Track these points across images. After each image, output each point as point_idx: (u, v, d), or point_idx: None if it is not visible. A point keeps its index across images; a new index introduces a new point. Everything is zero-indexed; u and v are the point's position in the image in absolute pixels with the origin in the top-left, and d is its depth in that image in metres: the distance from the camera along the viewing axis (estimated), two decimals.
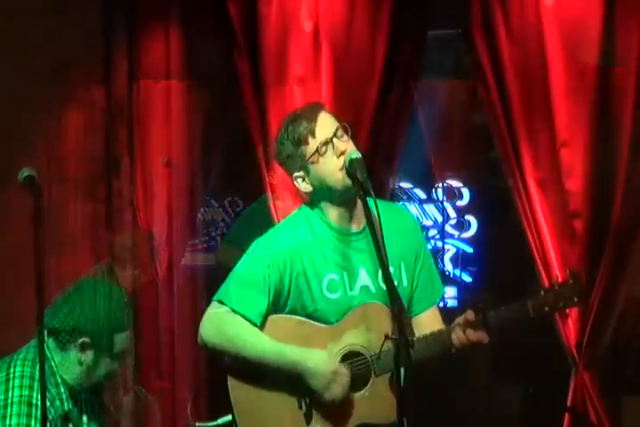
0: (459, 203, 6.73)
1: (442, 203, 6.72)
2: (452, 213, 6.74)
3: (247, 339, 3.32)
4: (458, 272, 6.71)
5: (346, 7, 4.94)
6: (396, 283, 3.31)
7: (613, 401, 4.95)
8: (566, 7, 4.74)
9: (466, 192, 6.72)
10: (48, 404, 3.20)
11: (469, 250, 6.72)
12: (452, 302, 6.66)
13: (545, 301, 3.41)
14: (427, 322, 3.50)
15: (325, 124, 3.37)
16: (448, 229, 6.72)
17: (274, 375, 3.33)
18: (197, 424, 3.61)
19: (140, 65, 5.16)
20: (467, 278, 6.72)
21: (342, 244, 3.41)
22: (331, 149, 3.34)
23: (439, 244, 6.73)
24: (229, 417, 3.43)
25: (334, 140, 3.35)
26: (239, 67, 5.03)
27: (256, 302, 3.34)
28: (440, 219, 6.72)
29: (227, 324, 3.34)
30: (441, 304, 6.45)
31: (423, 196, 6.74)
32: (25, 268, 3.36)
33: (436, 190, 6.73)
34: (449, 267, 6.71)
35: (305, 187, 3.41)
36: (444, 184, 6.74)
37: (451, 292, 6.66)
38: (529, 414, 5.78)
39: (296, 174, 3.41)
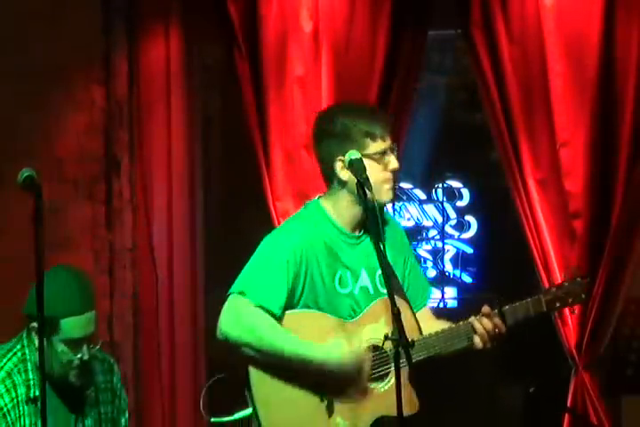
0: (459, 203, 6.73)
1: (442, 203, 6.72)
2: (452, 214, 6.74)
3: (268, 331, 3.31)
4: (458, 272, 6.71)
5: (346, 7, 4.94)
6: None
7: (613, 401, 4.96)
8: (566, 7, 4.74)
9: (466, 192, 6.72)
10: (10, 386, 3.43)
11: (469, 250, 6.72)
12: (452, 303, 6.67)
13: (556, 296, 3.54)
14: (424, 320, 3.53)
15: (389, 138, 3.43)
16: (448, 229, 6.73)
17: (296, 368, 3.32)
18: (212, 420, 3.56)
19: (139, 65, 5.16)
20: (467, 279, 6.73)
21: (347, 245, 3.47)
22: (388, 158, 3.40)
23: (439, 244, 6.74)
24: (246, 411, 3.41)
25: (392, 154, 3.41)
26: (239, 67, 5.02)
27: (277, 295, 3.33)
28: (440, 219, 6.72)
29: (246, 315, 3.32)
30: (441, 304, 6.56)
31: (423, 196, 6.74)
32: (25, 268, 3.37)
33: (436, 191, 6.73)
34: (449, 267, 6.71)
35: (344, 174, 3.40)
36: (444, 184, 6.74)
37: (451, 292, 6.66)
38: (529, 414, 5.79)
39: (341, 157, 3.38)
